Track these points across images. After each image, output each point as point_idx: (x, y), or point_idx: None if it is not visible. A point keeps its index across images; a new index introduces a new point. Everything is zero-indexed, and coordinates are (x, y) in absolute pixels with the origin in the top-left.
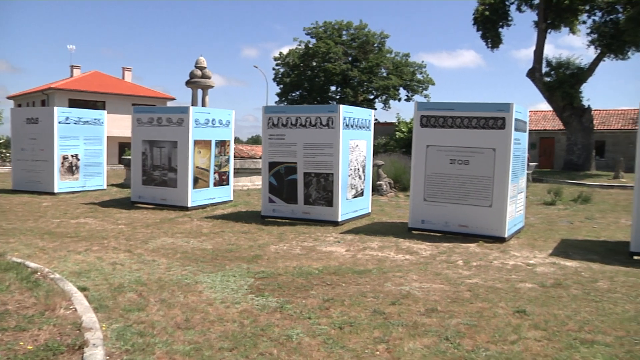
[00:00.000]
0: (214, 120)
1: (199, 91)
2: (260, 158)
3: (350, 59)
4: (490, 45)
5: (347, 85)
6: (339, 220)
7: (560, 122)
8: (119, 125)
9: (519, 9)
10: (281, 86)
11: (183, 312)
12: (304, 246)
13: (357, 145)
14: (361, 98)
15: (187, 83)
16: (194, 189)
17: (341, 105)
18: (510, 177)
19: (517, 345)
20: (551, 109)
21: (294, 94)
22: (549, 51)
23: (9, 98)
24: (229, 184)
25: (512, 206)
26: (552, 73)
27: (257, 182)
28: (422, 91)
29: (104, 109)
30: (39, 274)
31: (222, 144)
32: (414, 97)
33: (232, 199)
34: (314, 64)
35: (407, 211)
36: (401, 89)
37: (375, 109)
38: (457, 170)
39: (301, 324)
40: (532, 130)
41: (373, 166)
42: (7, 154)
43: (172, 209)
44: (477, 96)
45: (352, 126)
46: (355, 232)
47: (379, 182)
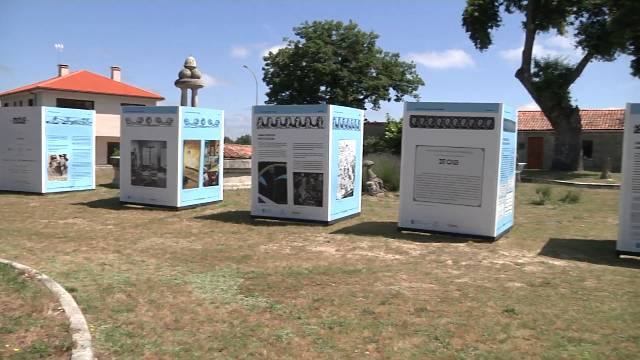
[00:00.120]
0: (203, 120)
1: (189, 91)
2: (250, 158)
3: (340, 59)
4: (479, 46)
5: (336, 85)
6: (329, 220)
7: (548, 122)
8: (108, 125)
9: (507, 9)
10: (271, 86)
11: (172, 312)
12: (294, 246)
13: (346, 145)
14: (351, 98)
15: (176, 83)
16: (183, 189)
17: (331, 105)
18: (499, 177)
19: (506, 344)
20: (540, 109)
21: (283, 94)
22: (538, 52)
23: None
24: (218, 184)
25: (501, 206)
26: (540, 73)
27: (246, 182)
28: (411, 91)
29: (92, 108)
30: (26, 275)
31: (211, 143)
32: (403, 97)
33: (221, 199)
34: (304, 64)
35: (397, 211)
36: (391, 89)
37: (365, 109)
38: (447, 170)
39: (291, 324)
40: (520, 130)
41: (363, 166)
42: None
43: (161, 209)
44: (466, 96)
45: (341, 126)
46: (345, 232)
47: (368, 182)
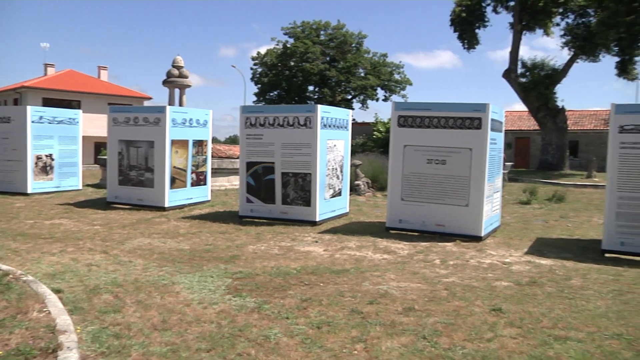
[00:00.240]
0: (191, 120)
1: (176, 91)
2: (238, 158)
3: (328, 59)
4: (467, 46)
5: (325, 85)
6: (317, 220)
7: (535, 122)
8: (95, 124)
9: (495, 10)
10: (259, 86)
11: (160, 313)
12: (282, 246)
13: (334, 145)
14: (339, 98)
15: (164, 82)
16: (171, 189)
17: (319, 105)
18: (486, 176)
19: (493, 342)
20: (526, 109)
21: (271, 94)
22: (524, 52)
23: None
24: (206, 184)
25: (489, 205)
26: (527, 74)
27: (234, 182)
28: (399, 91)
29: (79, 108)
30: (11, 276)
31: (199, 143)
32: (391, 97)
33: (209, 199)
34: (292, 63)
35: (385, 211)
36: (379, 89)
37: (353, 108)
38: (434, 170)
39: (279, 324)
40: (508, 130)
41: (351, 166)
42: None
43: (149, 210)
44: (454, 96)
45: (329, 126)
46: (333, 231)
47: (356, 181)
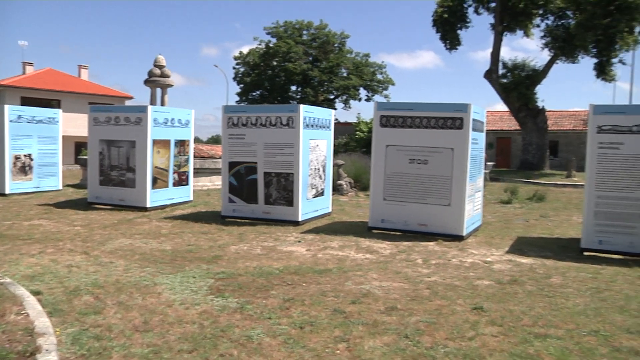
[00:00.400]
0: (173, 119)
1: (158, 90)
2: (220, 158)
3: (310, 58)
4: (448, 47)
5: (307, 85)
6: (300, 220)
7: (516, 122)
8: (75, 124)
9: (476, 11)
10: (241, 86)
11: (141, 314)
12: (265, 246)
13: (317, 145)
14: (322, 98)
15: (145, 82)
16: (152, 189)
17: (301, 105)
18: (468, 176)
19: (475, 341)
20: (508, 109)
21: (254, 94)
22: (505, 53)
23: None
24: (188, 184)
25: (470, 205)
26: (508, 75)
27: (217, 182)
28: (382, 91)
29: (59, 107)
30: None
31: (181, 143)
32: (374, 97)
33: (191, 199)
34: (275, 63)
35: (367, 210)
36: (361, 89)
37: (336, 108)
38: (416, 169)
39: (261, 324)
40: (489, 130)
41: (333, 166)
42: None
43: (130, 210)
44: (436, 96)
45: (312, 126)
46: (316, 231)
47: (339, 181)
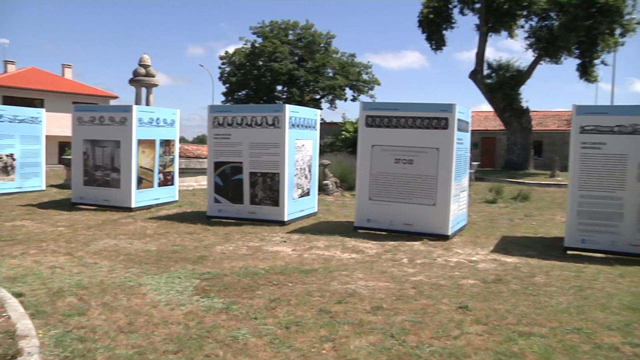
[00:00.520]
0: (158, 119)
1: (143, 90)
2: (206, 158)
3: (296, 58)
4: (434, 47)
5: (293, 85)
6: (285, 220)
7: (501, 122)
8: (59, 124)
9: (461, 12)
10: (227, 85)
11: (126, 315)
12: (250, 246)
13: (303, 145)
14: (307, 98)
15: (130, 81)
16: (137, 189)
17: (287, 105)
18: (453, 176)
19: (460, 340)
20: (492, 109)
21: (240, 94)
22: (490, 54)
23: None
24: (173, 184)
25: (455, 204)
26: (493, 75)
27: (202, 182)
28: (367, 91)
29: (42, 107)
30: None
31: (166, 143)
32: (360, 97)
33: (177, 199)
34: (260, 63)
35: (353, 210)
36: (347, 89)
37: (322, 108)
38: (402, 169)
39: (247, 324)
40: (474, 130)
41: (319, 166)
42: None
43: (115, 210)
44: (421, 96)
45: (298, 126)
46: (302, 231)
47: (325, 181)
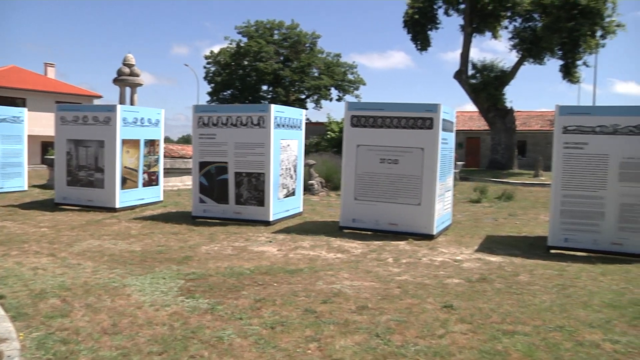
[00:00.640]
0: (142, 119)
1: (127, 89)
2: (191, 158)
3: (282, 58)
4: (419, 48)
5: (278, 84)
6: (271, 220)
7: (485, 122)
8: (42, 123)
9: (446, 13)
10: (212, 85)
11: (110, 316)
12: (236, 246)
13: (288, 145)
14: (293, 98)
15: (114, 81)
16: (122, 189)
17: (272, 105)
18: (438, 175)
19: (445, 339)
20: (477, 110)
21: (225, 93)
22: (475, 54)
23: None
24: (158, 184)
25: (440, 204)
26: (477, 75)
27: (187, 182)
28: (353, 91)
29: (24, 106)
30: None
31: (151, 143)
32: (345, 97)
33: (162, 199)
34: (246, 63)
35: (339, 210)
36: (332, 89)
37: (307, 108)
38: (387, 169)
39: (232, 324)
40: (459, 130)
41: (305, 166)
42: None
43: (99, 211)
44: (406, 96)
45: (283, 126)
46: (287, 231)
47: (310, 181)
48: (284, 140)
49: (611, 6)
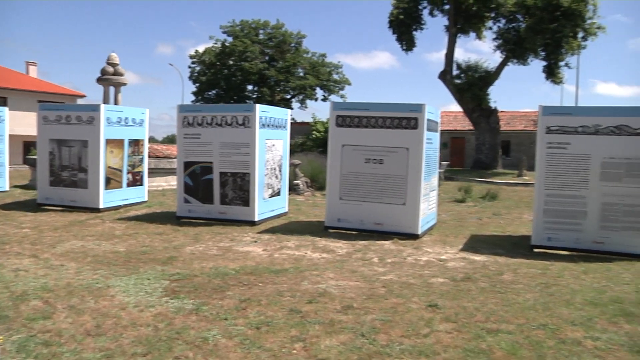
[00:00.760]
0: (127, 118)
1: (111, 89)
2: (176, 158)
3: (267, 58)
4: (404, 48)
5: (264, 84)
6: (256, 220)
7: (470, 122)
8: (23, 123)
9: (431, 13)
10: (197, 85)
11: (94, 318)
12: (221, 247)
13: (273, 145)
14: (278, 97)
15: (98, 80)
16: (105, 189)
17: (257, 105)
18: (422, 175)
19: (429, 338)
20: (461, 110)
21: (210, 93)
22: (459, 55)
23: None
24: (143, 185)
25: (425, 204)
26: (462, 76)
27: (172, 182)
28: (338, 91)
29: (5, 105)
30: None
31: (135, 143)
32: (330, 97)
33: (146, 199)
34: (231, 62)
35: (324, 210)
36: (318, 88)
37: (292, 108)
38: (372, 169)
39: (217, 325)
40: (443, 130)
41: (290, 165)
42: None
43: (82, 211)
44: (391, 96)
45: (268, 125)
46: (272, 231)
47: (295, 181)
48: (269, 140)
49: (592, 8)
